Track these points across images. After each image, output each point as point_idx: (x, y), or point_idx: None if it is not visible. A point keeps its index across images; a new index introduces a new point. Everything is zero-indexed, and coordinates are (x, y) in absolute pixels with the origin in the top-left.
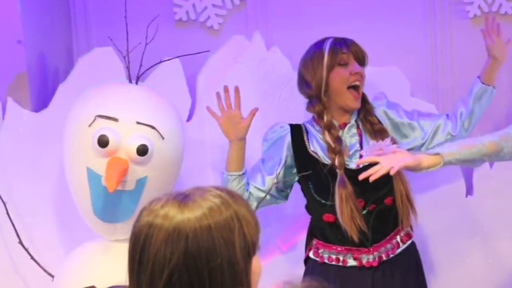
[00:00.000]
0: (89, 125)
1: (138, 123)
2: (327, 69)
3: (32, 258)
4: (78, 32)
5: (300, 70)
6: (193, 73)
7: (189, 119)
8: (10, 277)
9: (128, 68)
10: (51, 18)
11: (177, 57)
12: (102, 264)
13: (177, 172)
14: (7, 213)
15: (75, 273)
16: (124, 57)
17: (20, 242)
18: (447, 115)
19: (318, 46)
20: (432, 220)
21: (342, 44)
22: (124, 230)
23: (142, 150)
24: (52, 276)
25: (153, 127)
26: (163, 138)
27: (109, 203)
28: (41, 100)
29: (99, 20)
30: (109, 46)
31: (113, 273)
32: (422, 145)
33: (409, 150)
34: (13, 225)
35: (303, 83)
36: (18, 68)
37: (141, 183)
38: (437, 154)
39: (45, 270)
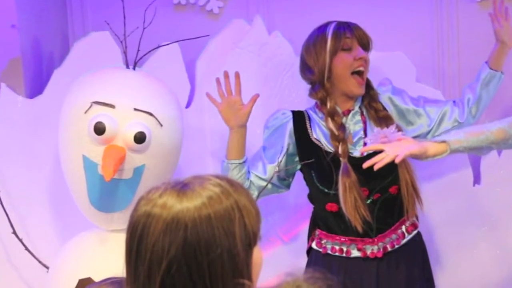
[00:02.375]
0: (85, 112)
1: (135, 109)
2: (330, 54)
3: (27, 248)
4: (74, 16)
5: (303, 55)
6: (192, 58)
7: (188, 105)
8: (4, 268)
9: (125, 53)
10: (46, 2)
11: (176, 41)
12: (99, 255)
13: (175, 160)
14: (1, 202)
15: (71, 264)
16: (121, 41)
17: (14, 233)
18: (454, 102)
19: (321, 30)
20: (439, 209)
21: (345, 29)
22: (121, 220)
23: (140, 138)
24: (47, 267)
25: (151, 114)
26: (161, 125)
27: (106, 192)
28: (36, 86)
29: (95, 3)
30: (105, 31)
31: (109, 264)
32: (428, 132)
33: (414, 137)
34: (6, 214)
35: (306, 69)
36: (12, 53)
37: (138, 171)
38: (444, 141)
39: (39, 261)
